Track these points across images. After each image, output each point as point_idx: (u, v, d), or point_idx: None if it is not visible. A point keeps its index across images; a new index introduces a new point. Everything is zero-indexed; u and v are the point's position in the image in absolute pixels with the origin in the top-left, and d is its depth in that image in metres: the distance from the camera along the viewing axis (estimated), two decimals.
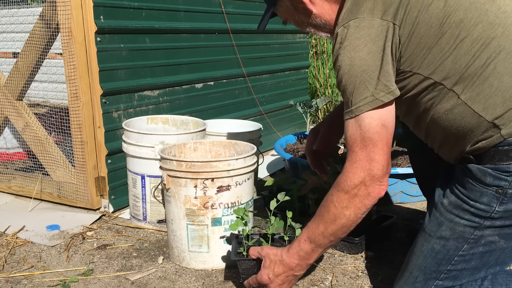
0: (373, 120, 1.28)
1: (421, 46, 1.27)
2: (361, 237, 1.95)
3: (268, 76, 3.66)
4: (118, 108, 2.43)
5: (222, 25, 3.08)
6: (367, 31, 1.27)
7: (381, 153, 1.29)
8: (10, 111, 2.58)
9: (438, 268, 1.37)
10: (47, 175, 2.55)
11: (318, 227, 1.40)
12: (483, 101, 1.25)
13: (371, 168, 1.29)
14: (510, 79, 1.23)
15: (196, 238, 1.84)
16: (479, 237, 1.31)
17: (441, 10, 1.26)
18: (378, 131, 1.28)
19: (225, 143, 2.11)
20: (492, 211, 1.28)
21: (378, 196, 1.33)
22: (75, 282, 1.77)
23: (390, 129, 1.31)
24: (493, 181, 1.26)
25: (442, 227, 1.36)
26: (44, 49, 2.39)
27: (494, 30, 1.23)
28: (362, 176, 1.30)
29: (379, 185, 1.31)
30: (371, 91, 1.27)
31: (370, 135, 1.28)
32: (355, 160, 1.31)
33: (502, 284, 1.35)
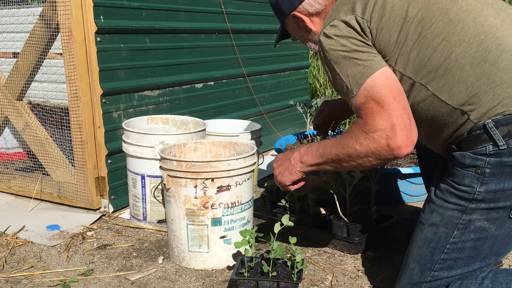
0: (375, 77, 1.34)
1: (390, 41, 1.39)
2: (361, 237, 1.95)
3: (268, 76, 3.66)
4: (118, 108, 2.43)
5: (222, 25, 3.08)
6: (342, 26, 1.41)
7: (395, 103, 1.31)
8: (10, 111, 2.58)
9: (432, 257, 1.39)
10: (47, 175, 2.55)
11: (329, 141, 1.48)
12: (448, 90, 1.35)
13: (389, 118, 1.30)
14: (470, 68, 1.32)
15: (196, 238, 1.84)
16: (467, 221, 1.34)
17: (405, 10, 1.39)
18: (384, 83, 1.33)
19: (225, 143, 2.10)
20: (474, 192, 1.33)
21: (399, 151, 1.31)
22: (75, 282, 1.77)
23: (396, 79, 1.36)
24: (471, 161, 1.33)
25: (433, 214, 1.41)
26: (44, 49, 2.39)
27: (454, 26, 1.35)
28: (381, 125, 1.30)
29: (401, 139, 1.29)
30: (361, 65, 1.37)
31: (378, 89, 1.33)
32: (371, 113, 1.32)
33: (503, 283, 1.35)
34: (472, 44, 1.33)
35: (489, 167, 1.30)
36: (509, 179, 1.29)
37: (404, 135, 1.30)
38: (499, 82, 1.30)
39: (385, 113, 1.30)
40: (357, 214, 2.10)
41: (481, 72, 1.32)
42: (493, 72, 1.31)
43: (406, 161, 2.73)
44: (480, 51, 1.32)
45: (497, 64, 1.31)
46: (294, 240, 1.70)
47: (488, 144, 1.31)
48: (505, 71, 1.31)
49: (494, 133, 1.29)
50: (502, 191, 1.30)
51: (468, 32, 1.34)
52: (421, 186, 2.49)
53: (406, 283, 1.46)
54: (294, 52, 3.96)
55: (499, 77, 1.31)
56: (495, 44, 1.32)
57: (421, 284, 1.42)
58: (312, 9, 1.63)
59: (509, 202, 1.31)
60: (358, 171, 1.97)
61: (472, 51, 1.32)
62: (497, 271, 1.39)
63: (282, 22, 1.73)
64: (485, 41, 1.32)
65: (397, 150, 1.31)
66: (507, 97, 1.29)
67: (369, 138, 1.33)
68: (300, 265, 1.63)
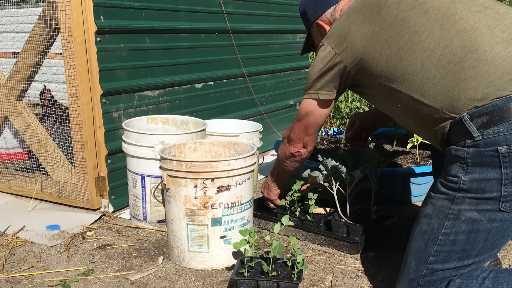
0: (304, 105, 1.82)
1: (364, 60, 1.60)
2: (361, 237, 1.95)
3: (268, 76, 3.66)
4: (118, 108, 2.43)
5: (222, 25, 3.08)
6: (324, 52, 1.69)
7: (299, 129, 1.87)
8: (10, 111, 2.58)
9: (426, 249, 1.43)
10: (47, 175, 2.55)
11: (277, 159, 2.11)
12: (419, 90, 1.48)
13: (290, 132, 1.93)
14: (436, 69, 1.45)
15: (196, 238, 1.84)
16: (457, 211, 1.38)
17: (375, 33, 1.57)
18: (303, 114, 1.84)
19: (225, 143, 2.10)
20: (460, 182, 1.38)
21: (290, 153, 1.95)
22: (75, 282, 1.77)
23: (311, 117, 1.82)
24: (454, 152, 1.41)
25: (427, 205, 1.47)
26: (44, 49, 2.39)
27: (419, 36, 1.49)
28: (287, 134, 1.95)
29: (293, 147, 1.93)
30: (308, 87, 1.77)
31: (300, 113, 1.85)
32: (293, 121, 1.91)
33: (503, 283, 1.35)
34: (437, 49, 1.45)
35: (469, 157, 1.37)
36: (491, 168, 1.34)
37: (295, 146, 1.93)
38: (463, 78, 1.39)
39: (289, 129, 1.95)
40: (357, 214, 2.10)
41: (446, 71, 1.43)
42: (457, 70, 1.41)
43: (407, 161, 2.73)
44: (445, 54, 1.43)
45: (462, 63, 1.40)
46: (294, 240, 1.70)
47: (465, 137, 1.38)
48: (469, 68, 1.39)
49: (469, 126, 1.37)
50: (486, 180, 1.34)
51: (433, 39, 1.47)
52: (421, 186, 2.49)
53: (405, 279, 1.48)
54: (294, 52, 3.96)
55: (464, 74, 1.39)
56: (460, 47, 1.42)
57: (418, 279, 1.44)
58: (332, 18, 1.83)
59: (495, 192, 1.34)
60: (358, 172, 1.97)
61: (437, 55, 1.45)
62: (498, 271, 1.39)
63: (308, 30, 1.96)
64: (450, 45, 1.44)
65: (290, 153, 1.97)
66: (474, 90, 1.37)
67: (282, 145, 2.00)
68: (301, 265, 1.63)
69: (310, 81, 1.76)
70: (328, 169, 2.00)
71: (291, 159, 1.97)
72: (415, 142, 2.64)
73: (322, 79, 1.72)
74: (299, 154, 1.93)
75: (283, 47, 3.80)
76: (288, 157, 1.97)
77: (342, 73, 1.69)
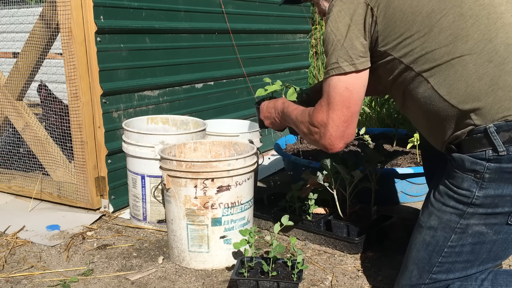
0: (338, 82, 1.43)
1: (396, 30, 1.37)
2: (361, 237, 1.95)
3: (268, 76, 3.65)
4: (118, 108, 2.43)
5: (222, 25, 3.08)
6: (348, 5, 1.41)
7: (339, 114, 1.44)
8: (10, 111, 2.58)
9: (430, 260, 1.39)
10: (47, 175, 2.55)
11: (293, 115, 1.67)
12: (448, 86, 1.32)
13: (326, 123, 1.46)
14: (473, 67, 1.29)
15: (196, 238, 1.84)
16: (465, 226, 1.33)
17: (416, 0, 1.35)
18: (340, 92, 1.43)
19: (225, 143, 2.10)
20: (473, 197, 1.31)
21: (327, 151, 1.52)
22: (75, 282, 1.77)
23: (354, 94, 1.43)
24: (470, 165, 1.31)
25: (431, 217, 1.40)
26: (44, 49, 2.39)
27: (465, 21, 1.31)
28: (318, 126, 1.49)
29: (329, 143, 1.49)
30: (336, 59, 1.42)
31: (334, 94, 1.44)
32: (319, 110, 1.49)
33: (502, 284, 1.35)
34: (480, 42, 1.29)
35: (488, 172, 1.29)
36: (508, 185, 1.28)
37: (331, 142, 1.48)
38: (502, 85, 1.27)
39: (325, 117, 1.46)
40: (357, 214, 2.10)
41: (484, 72, 1.28)
42: (497, 74, 1.27)
43: (407, 161, 2.74)
44: (487, 50, 1.28)
45: (503, 66, 1.28)
46: (294, 240, 1.70)
47: (488, 149, 1.29)
48: (510, 73, 1.27)
49: (494, 139, 1.27)
50: (501, 196, 1.29)
51: (479, 28, 1.30)
52: (421, 186, 2.49)
53: (405, 284, 1.46)
54: (294, 52, 3.96)
55: (503, 80, 1.27)
56: (504, 44, 1.28)
57: (420, 286, 1.42)
58: None
59: (507, 208, 1.29)
60: (358, 172, 1.97)
61: (478, 49, 1.29)
62: (496, 273, 1.39)
63: None
64: (495, 40, 1.28)
65: (325, 149, 1.52)
66: (510, 102, 1.26)
67: (309, 130, 1.54)
68: (301, 265, 1.63)
69: (336, 49, 1.41)
70: (328, 169, 2.00)
71: (315, 146, 1.60)
72: (415, 142, 2.64)
73: (352, 42, 1.41)
74: (327, 151, 1.53)
75: (283, 47, 3.80)
76: (313, 144, 1.60)
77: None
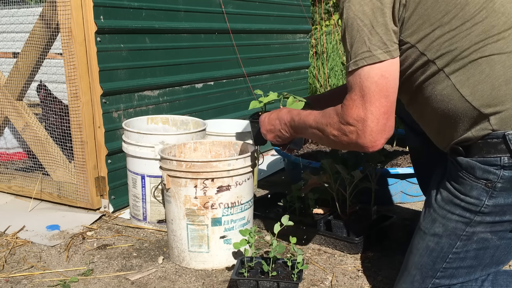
0: (372, 70, 1.26)
1: (424, 18, 1.26)
2: (361, 237, 1.95)
3: (268, 76, 3.66)
4: (118, 108, 2.43)
5: (222, 25, 3.08)
6: None
7: (378, 105, 1.26)
8: (10, 111, 2.58)
9: (433, 266, 1.38)
10: (47, 175, 2.55)
11: (311, 121, 1.45)
12: (472, 86, 1.25)
13: (365, 118, 1.27)
14: (502, 68, 1.23)
15: (196, 238, 1.84)
16: (471, 233, 1.32)
17: None
18: (376, 81, 1.26)
19: (225, 143, 2.10)
20: (481, 205, 1.28)
21: (366, 150, 1.31)
22: (75, 282, 1.77)
23: (391, 80, 1.27)
24: (482, 174, 1.27)
25: (435, 223, 1.37)
26: (44, 49, 2.39)
27: (497, 18, 1.23)
28: (355, 123, 1.28)
29: (370, 141, 1.28)
30: (368, 46, 1.26)
31: (368, 84, 1.26)
32: (352, 106, 1.28)
33: (503, 285, 1.35)
34: (511, 42, 1.22)
35: (501, 181, 1.24)
36: None
37: (372, 139, 1.28)
38: None
39: (362, 111, 1.27)
40: (357, 214, 2.10)
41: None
42: None
43: (407, 161, 2.74)
44: None
45: None
46: (294, 240, 1.70)
47: (504, 155, 1.24)
48: None
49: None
50: (510, 205, 1.27)
51: (511, 27, 1.23)
52: None
53: None
54: (294, 52, 3.96)
55: None
56: None
57: None
58: None
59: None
60: (358, 172, 1.97)
61: (508, 50, 1.22)
62: (497, 273, 1.39)
63: None
64: None
65: (365, 148, 1.31)
66: None
67: (341, 131, 1.32)
68: (301, 265, 1.63)
69: (365, 35, 1.27)
70: (328, 169, 2.00)
71: (348, 149, 1.41)
72: None
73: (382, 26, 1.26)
74: (368, 150, 1.33)
75: (283, 47, 3.80)
76: (345, 149, 1.41)
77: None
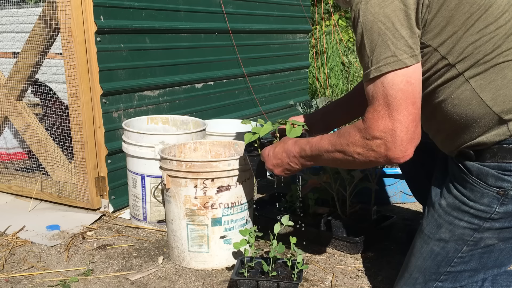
0: (396, 77, 1.19)
1: (448, 20, 1.21)
2: (361, 237, 1.95)
3: (268, 76, 3.66)
4: (118, 108, 2.43)
5: (222, 25, 3.08)
6: None
7: (406, 113, 1.19)
8: (10, 111, 2.58)
9: (437, 269, 1.37)
10: (47, 175, 2.55)
11: (326, 145, 1.36)
12: (493, 91, 1.21)
13: (393, 128, 1.19)
14: None
15: (196, 238, 1.84)
16: (478, 239, 1.32)
17: None
18: (402, 88, 1.19)
19: (225, 143, 2.10)
20: (492, 212, 1.28)
21: (397, 161, 1.24)
22: (75, 282, 1.77)
23: (417, 86, 1.20)
24: (495, 182, 1.25)
25: (441, 229, 1.36)
26: (44, 49, 2.39)
27: None
28: (383, 135, 1.21)
29: (401, 151, 1.21)
30: (392, 51, 1.19)
31: (393, 92, 1.19)
32: (377, 118, 1.21)
33: (503, 284, 1.35)
34: None
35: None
36: None
37: (403, 149, 1.22)
38: None
39: (390, 122, 1.20)
40: (357, 214, 2.10)
41: None
42: None
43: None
44: None
45: None
46: (294, 240, 1.70)
47: None
48: None
49: None
50: None
51: None
52: None
53: None
54: (294, 52, 3.96)
55: None
56: None
57: None
58: None
59: None
60: (358, 171, 1.97)
61: None
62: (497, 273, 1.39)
63: None
64: None
65: (395, 160, 1.24)
66: None
67: (367, 147, 1.25)
68: (301, 265, 1.63)
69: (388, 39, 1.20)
70: (328, 169, 2.00)
71: (376, 165, 1.32)
72: None
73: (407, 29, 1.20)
74: (399, 160, 1.25)
75: (283, 47, 3.80)
76: (373, 165, 1.32)
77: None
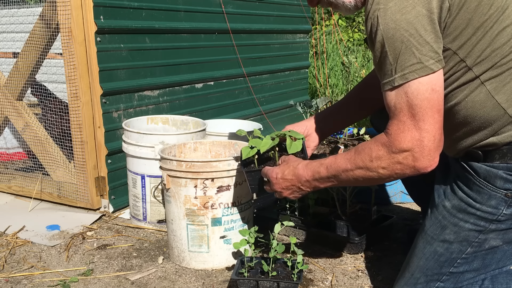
0: (421, 85, 1.17)
1: (467, 23, 1.20)
2: (361, 237, 1.95)
3: (268, 76, 3.66)
4: (118, 108, 2.43)
5: (222, 25, 3.08)
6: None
7: (432, 122, 1.17)
8: (10, 111, 2.58)
9: (440, 270, 1.37)
10: (47, 175, 2.55)
11: (344, 164, 1.32)
12: (508, 93, 1.21)
13: (421, 138, 1.18)
14: None
15: (196, 238, 1.84)
16: (483, 240, 1.32)
17: None
18: (427, 97, 1.17)
19: (225, 143, 2.10)
20: (499, 214, 1.28)
21: (424, 171, 1.22)
22: (75, 282, 1.77)
23: (441, 93, 1.19)
24: (503, 184, 1.25)
25: (445, 230, 1.36)
26: (44, 49, 2.39)
27: None
28: (410, 146, 1.19)
29: (428, 160, 1.19)
30: (418, 58, 1.17)
31: (418, 102, 1.17)
32: (402, 130, 1.19)
33: (503, 283, 1.35)
34: None
35: None
36: None
37: (431, 158, 1.20)
38: None
39: (417, 132, 1.18)
40: (357, 214, 2.10)
41: None
42: None
43: None
44: None
45: None
46: (294, 240, 1.70)
47: None
48: None
49: None
50: None
51: None
52: None
53: None
54: (294, 52, 3.96)
55: None
56: None
57: None
58: None
59: None
60: None
61: None
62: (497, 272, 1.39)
63: None
64: None
65: (423, 170, 1.22)
66: None
67: (393, 160, 1.22)
68: (301, 265, 1.63)
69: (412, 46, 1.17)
70: None
71: (402, 177, 1.29)
72: None
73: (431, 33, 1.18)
74: (426, 169, 1.23)
75: (283, 47, 3.81)
76: (399, 178, 1.30)
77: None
